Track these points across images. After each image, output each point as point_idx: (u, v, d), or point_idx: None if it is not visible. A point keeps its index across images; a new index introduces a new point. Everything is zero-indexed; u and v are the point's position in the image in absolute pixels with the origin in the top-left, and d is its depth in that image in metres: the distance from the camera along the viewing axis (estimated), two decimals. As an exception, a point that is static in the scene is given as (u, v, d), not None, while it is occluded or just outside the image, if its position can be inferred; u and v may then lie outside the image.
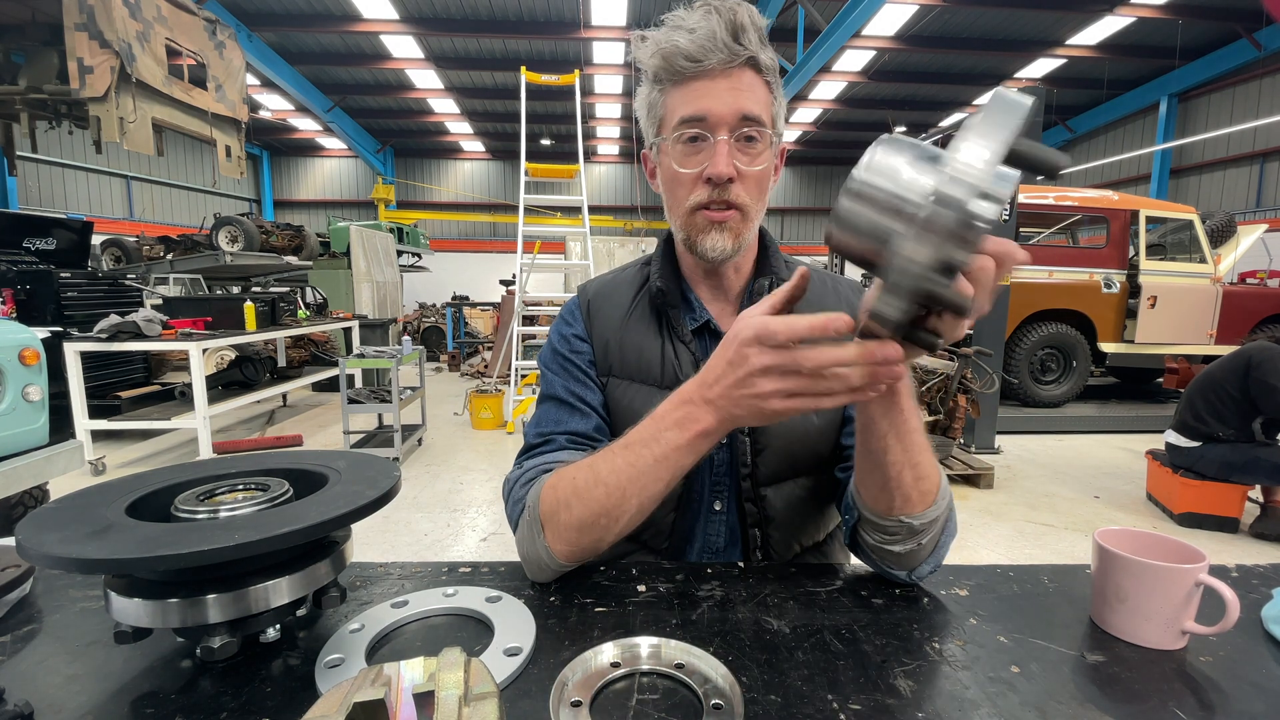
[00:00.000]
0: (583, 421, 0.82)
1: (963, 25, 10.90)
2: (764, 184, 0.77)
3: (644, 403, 0.82)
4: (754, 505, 0.82)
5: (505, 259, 17.63)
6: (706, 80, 0.73)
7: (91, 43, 4.34)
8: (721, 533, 0.84)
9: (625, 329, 0.86)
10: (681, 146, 0.75)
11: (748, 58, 0.73)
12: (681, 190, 0.77)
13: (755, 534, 0.82)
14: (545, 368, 0.89)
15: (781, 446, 0.81)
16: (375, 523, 3.21)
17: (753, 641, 0.57)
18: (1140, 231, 5.75)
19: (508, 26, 11.14)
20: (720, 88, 0.72)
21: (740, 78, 0.73)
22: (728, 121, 0.72)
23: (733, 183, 0.74)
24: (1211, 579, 0.55)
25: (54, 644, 0.56)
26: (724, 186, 0.74)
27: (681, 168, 0.76)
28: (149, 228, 12.70)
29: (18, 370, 2.40)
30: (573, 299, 0.94)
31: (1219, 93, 12.57)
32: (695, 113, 0.73)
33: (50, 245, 4.98)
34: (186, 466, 0.65)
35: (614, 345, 0.86)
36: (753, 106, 0.73)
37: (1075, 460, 4.66)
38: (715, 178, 0.73)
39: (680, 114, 0.74)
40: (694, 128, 0.74)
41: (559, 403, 0.84)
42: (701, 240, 0.78)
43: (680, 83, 0.74)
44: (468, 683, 0.38)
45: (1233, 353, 3.17)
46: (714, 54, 0.71)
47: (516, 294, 5.68)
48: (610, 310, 0.88)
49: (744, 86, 0.73)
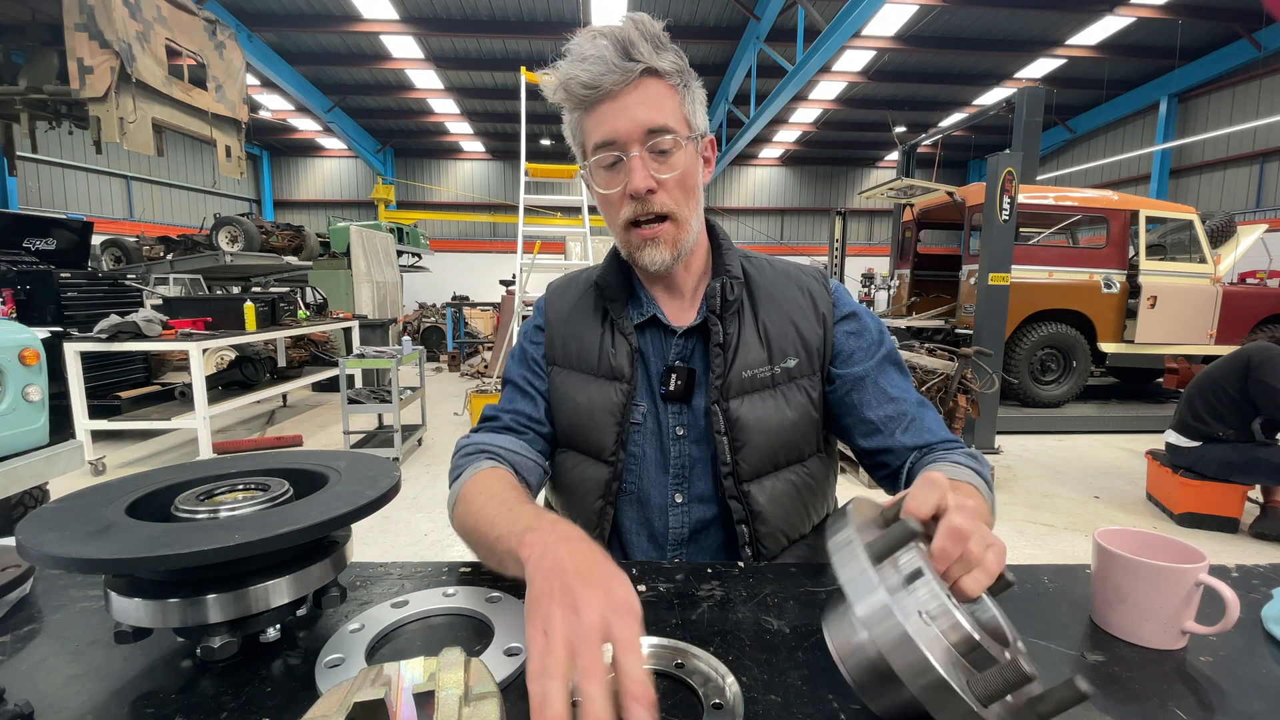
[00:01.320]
0: (530, 405, 0.90)
1: (963, 25, 10.90)
2: (687, 184, 0.80)
3: (578, 388, 0.87)
4: (739, 502, 0.83)
5: (505, 259, 17.63)
6: (610, 101, 0.75)
7: (91, 43, 4.33)
8: (685, 524, 0.86)
9: (569, 320, 0.91)
10: (603, 170, 0.79)
11: (643, 69, 0.74)
12: (611, 209, 0.81)
13: (743, 530, 0.83)
14: (511, 356, 0.95)
15: (760, 443, 0.82)
16: (375, 523, 3.21)
17: (753, 641, 0.57)
18: (1140, 231, 5.75)
19: (508, 26, 11.14)
20: (623, 105, 0.75)
21: (642, 90, 0.75)
22: (636, 137, 0.75)
23: (654, 193, 0.77)
24: (1211, 579, 0.55)
25: (54, 644, 0.56)
26: (646, 199, 0.77)
27: (605, 189, 0.79)
28: (149, 228, 12.70)
29: (18, 370, 2.40)
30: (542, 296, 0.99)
31: (1219, 93, 12.57)
32: (604, 137, 0.76)
33: (50, 245, 4.97)
34: (186, 466, 0.65)
35: (559, 337, 0.91)
36: (657, 117, 0.75)
37: (1075, 460, 4.66)
38: (635, 193, 0.76)
39: (594, 140, 0.78)
40: (608, 151, 0.77)
41: (514, 386, 0.92)
42: (639, 256, 0.82)
43: (588, 109, 0.77)
44: (468, 683, 0.38)
45: (1232, 353, 3.17)
46: (608, 76, 0.74)
47: (516, 294, 5.68)
48: (561, 305, 0.93)
49: (647, 99, 0.75)
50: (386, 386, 4.63)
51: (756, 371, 0.83)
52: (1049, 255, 5.83)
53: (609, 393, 0.85)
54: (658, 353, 0.87)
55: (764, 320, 0.85)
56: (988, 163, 4.78)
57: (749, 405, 0.82)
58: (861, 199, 16.23)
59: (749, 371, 0.83)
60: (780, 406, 0.83)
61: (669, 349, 0.87)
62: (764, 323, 0.85)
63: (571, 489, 0.88)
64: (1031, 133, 5.35)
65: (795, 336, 0.85)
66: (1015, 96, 5.38)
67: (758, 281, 0.88)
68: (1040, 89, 5.44)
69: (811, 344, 0.86)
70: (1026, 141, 5.31)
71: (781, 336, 0.85)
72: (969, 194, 5.90)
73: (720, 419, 0.82)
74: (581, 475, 0.87)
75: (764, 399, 0.83)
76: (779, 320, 0.86)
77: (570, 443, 0.89)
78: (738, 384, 0.82)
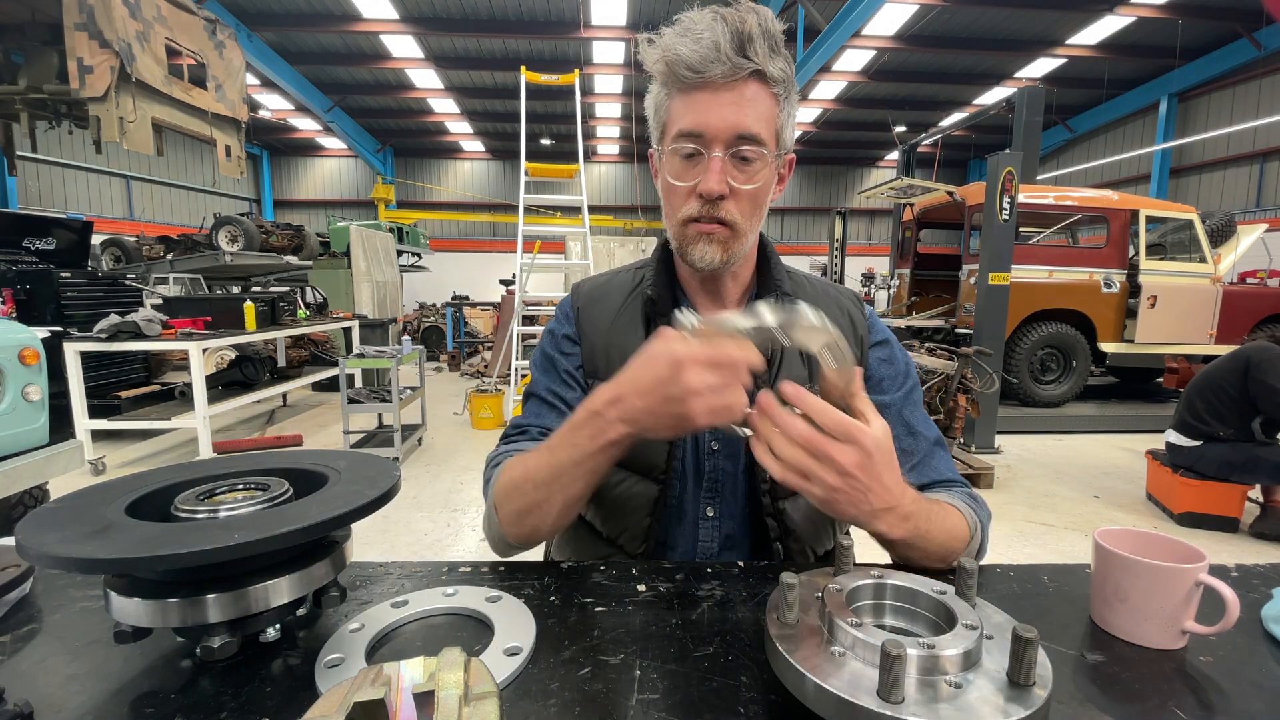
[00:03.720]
0: (558, 420, 0.84)
1: (963, 25, 10.90)
2: (758, 200, 0.77)
3: None
4: (774, 520, 0.82)
5: (505, 259, 17.62)
6: (708, 92, 0.71)
7: (91, 42, 4.33)
8: (714, 538, 0.85)
9: (612, 332, 0.87)
10: (678, 159, 0.75)
11: (752, 70, 0.70)
12: (676, 200, 0.78)
13: (778, 548, 0.83)
14: (535, 366, 0.91)
15: None
16: (375, 523, 3.21)
17: (752, 641, 0.57)
18: (1140, 231, 5.75)
19: (508, 26, 11.14)
20: (721, 101, 0.71)
21: (743, 91, 0.71)
22: (723, 139, 0.72)
23: (724, 199, 0.74)
24: (1211, 579, 0.55)
25: (54, 644, 0.56)
26: (715, 203, 0.74)
27: (676, 180, 0.76)
28: (149, 227, 12.68)
29: (18, 370, 2.40)
30: (567, 297, 0.94)
31: (1219, 92, 12.57)
32: (692, 127, 0.72)
33: (50, 245, 4.98)
34: (186, 466, 0.65)
35: (601, 349, 0.87)
36: (752, 124, 0.71)
37: (1075, 460, 4.66)
38: (706, 194, 0.73)
39: (678, 126, 0.74)
40: (690, 142, 0.73)
41: (540, 400, 0.88)
42: (691, 250, 0.78)
43: (683, 91, 0.73)
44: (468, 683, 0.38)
45: (1231, 353, 3.17)
46: (716, 65, 0.69)
47: (516, 294, 5.68)
48: (600, 314, 0.89)
49: (746, 101, 0.71)
50: (386, 386, 4.63)
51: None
52: (1049, 255, 5.83)
53: None
54: None
55: None
56: (988, 162, 4.79)
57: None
58: (861, 199, 16.22)
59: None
60: None
61: None
62: None
63: (617, 505, 0.85)
64: (1031, 132, 5.35)
65: None
66: (1015, 96, 5.38)
67: (804, 297, 0.87)
68: (1040, 88, 5.45)
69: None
70: (1026, 141, 5.31)
71: None
72: (969, 193, 5.90)
73: None
74: (629, 492, 0.84)
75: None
76: None
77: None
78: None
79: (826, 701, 0.41)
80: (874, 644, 0.42)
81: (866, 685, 0.41)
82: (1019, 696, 0.40)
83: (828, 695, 0.41)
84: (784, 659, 0.44)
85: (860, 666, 0.43)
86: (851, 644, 0.44)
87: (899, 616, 0.53)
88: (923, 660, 0.41)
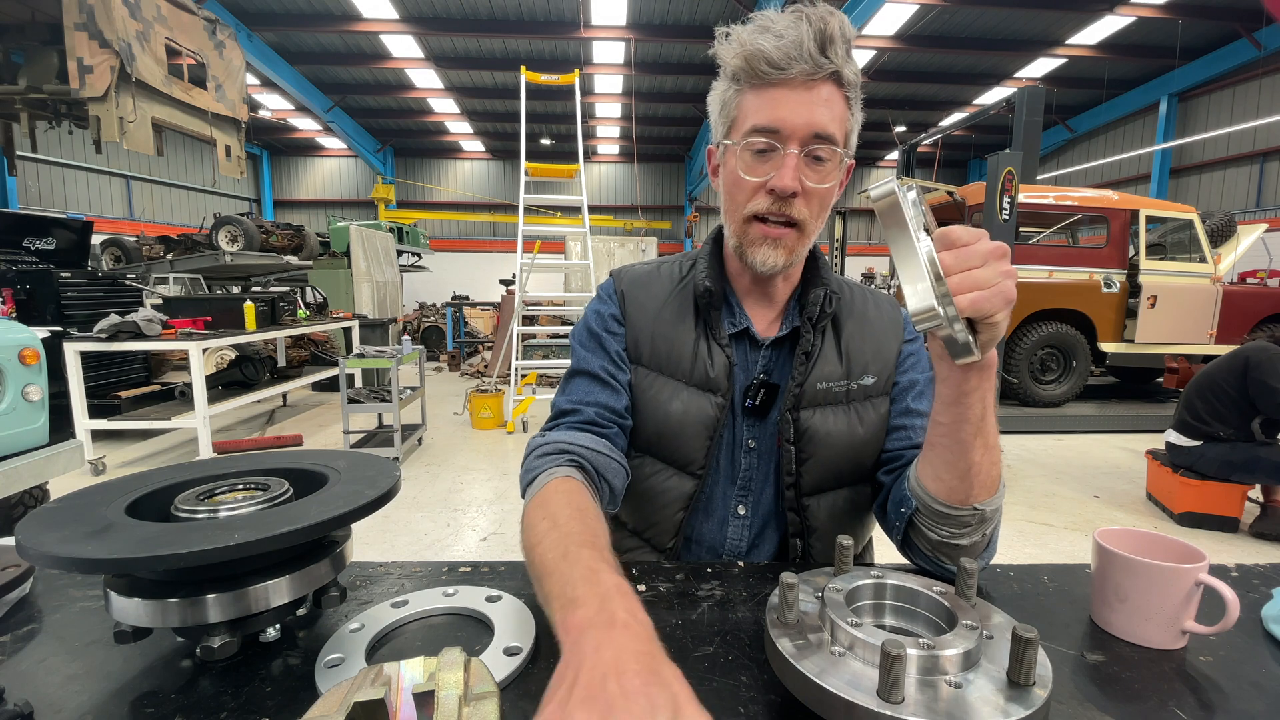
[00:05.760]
0: (613, 397, 0.83)
1: (963, 25, 10.89)
2: (827, 200, 0.76)
3: (669, 395, 0.83)
4: (796, 515, 0.82)
5: (505, 259, 17.64)
6: (785, 89, 0.71)
7: (91, 42, 4.33)
8: (744, 536, 0.85)
9: (659, 321, 0.86)
10: (749, 154, 0.74)
11: (831, 71, 0.71)
12: (741, 195, 0.76)
13: (796, 544, 0.83)
14: (579, 344, 0.88)
15: (827, 458, 0.81)
16: (375, 523, 3.21)
17: (752, 641, 0.57)
18: (1140, 231, 5.75)
19: (508, 26, 11.13)
20: (798, 99, 0.71)
21: (820, 91, 0.71)
22: (800, 136, 0.71)
23: (796, 197, 0.73)
24: (1211, 579, 0.55)
25: (54, 644, 0.56)
26: (787, 200, 0.73)
27: (747, 175, 0.75)
28: (149, 227, 12.69)
29: (18, 370, 2.40)
30: (608, 281, 0.93)
31: (1219, 92, 12.56)
32: (769, 123, 0.71)
33: (50, 245, 4.97)
34: (186, 466, 0.65)
35: (645, 335, 0.86)
36: (828, 124, 0.71)
37: (1075, 460, 4.65)
38: (780, 190, 0.72)
39: (753, 121, 0.73)
40: (765, 138, 0.72)
41: (591, 377, 0.84)
42: (753, 252, 0.77)
43: (758, 87, 0.72)
44: (468, 683, 0.38)
45: (1231, 353, 3.16)
46: (798, 63, 0.69)
47: (516, 294, 5.68)
48: (646, 300, 0.88)
49: (822, 101, 0.71)
50: (386, 386, 4.63)
51: (832, 385, 0.82)
52: (1049, 255, 5.82)
53: (703, 405, 0.82)
54: (743, 364, 0.85)
55: (846, 336, 0.85)
56: (988, 162, 4.78)
57: (820, 417, 0.81)
58: (861, 199, 16.22)
59: (824, 384, 0.82)
60: (852, 423, 0.82)
61: (755, 361, 0.85)
62: (845, 338, 0.85)
63: (649, 497, 0.85)
64: (1031, 132, 5.35)
65: (876, 354, 0.85)
66: (1015, 96, 5.37)
67: (845, 298, 0.88)
68: (1040, 88, 5.44)
69: (890, 364, 0.86)
70: (1026, 141, 5.30)
71: (861, 353, 0.84)
72: (969, 193, 5.90)
73: (790, 428, 0.81)
74: (662, 485, 0.84)
75: (835, 413, 0.82)
76: (861, 337, 0.85)
77: (653, 450, 0.85)
78: (811, 394, 0.81)
79: (826, 701, 0.41)
80: (874, 644, 0.43)
81: (866, 685, 0.41)
82: (1019, 696, 0.40)
83: (828, 695, 0.41)
84: (784, 659, 0.44)
85: (860, 666, 0.43)
86: (851, 644, 0.44)
87: (899, 616, 0.53)
88: (923, 660, 0.41)
